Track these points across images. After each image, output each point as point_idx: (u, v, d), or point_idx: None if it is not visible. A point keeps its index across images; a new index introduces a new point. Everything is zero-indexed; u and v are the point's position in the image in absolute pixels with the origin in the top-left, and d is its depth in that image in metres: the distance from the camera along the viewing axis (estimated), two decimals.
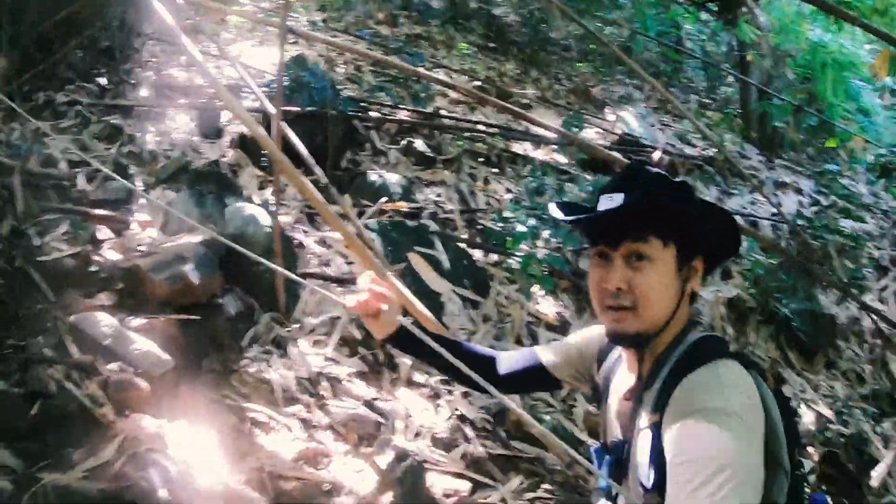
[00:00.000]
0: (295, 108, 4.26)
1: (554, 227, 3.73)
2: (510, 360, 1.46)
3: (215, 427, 2.40)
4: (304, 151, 3.48)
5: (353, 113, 4.77)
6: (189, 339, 2.72)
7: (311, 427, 2.60)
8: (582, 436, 3.11)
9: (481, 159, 5.15)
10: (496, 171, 5.12)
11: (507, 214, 4.14)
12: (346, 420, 2.67)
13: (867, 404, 4.32)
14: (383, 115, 5.16)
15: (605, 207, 1.12)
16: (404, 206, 4.25)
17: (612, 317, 1.14)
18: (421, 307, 2.61)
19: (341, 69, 5.84)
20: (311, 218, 4.03)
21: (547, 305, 3.97)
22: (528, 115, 4.86)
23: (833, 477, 3.61)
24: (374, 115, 5.11)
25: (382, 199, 4.21)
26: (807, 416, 4.00)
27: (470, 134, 5.33)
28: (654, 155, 5.56)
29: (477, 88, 6.18)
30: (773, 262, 4.69)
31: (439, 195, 4.63)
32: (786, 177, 6.24)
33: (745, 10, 6.70)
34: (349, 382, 2.92)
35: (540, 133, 5.27)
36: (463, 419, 2.95)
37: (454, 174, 4.87)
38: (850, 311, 4.90)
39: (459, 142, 5.21)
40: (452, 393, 3.08)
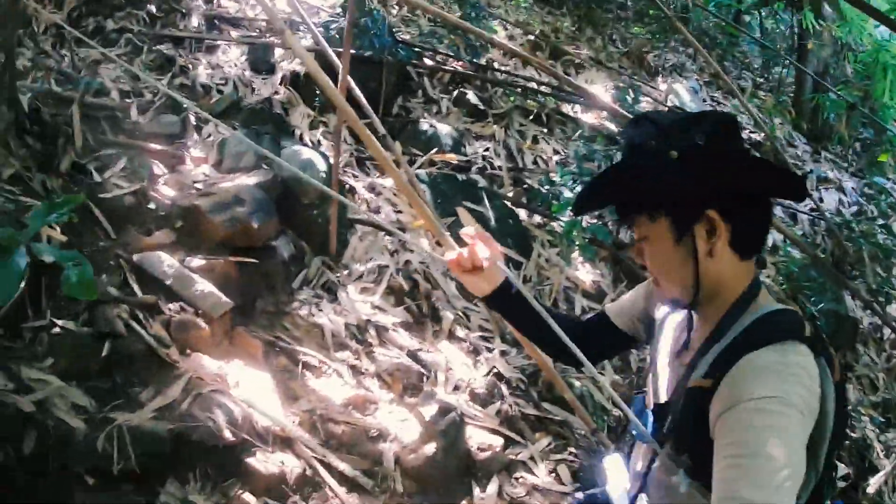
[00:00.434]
0: (353, 53, 4.15)
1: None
2: (591, 327, 1.42)
3: (270, 369, 2.48)
4: (363, 100, 3.44)
5: (409, 60, 4.67)
6: (244, 280, 2.76)
7: (359, 374, 2.69)
8: (607, 404, 3.20)
9: (531, 117, 5.08)
10: (545, 130, 5.06)
11: (555, 178, 4.13)
12: (392, 369, 2.76)
13: (876, 412, 4.41)
14: (437, 63, 5.06)
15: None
16: (454, 158, 4.23)
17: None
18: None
19: (395, 10, 5.68)
20: (360, 162, 4.02)
21: (585, 273, 4.01)
22: (575, 81, 4.76)
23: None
24: (429, 62, 5.01)
25: (433, 150, 4.18)
26: None
27: (521, 89, 5.23)
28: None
29: (531, 43, 6.04)
30: (807, 259, 4.69)
31: (487, 150, 4.59)
32: (829, 172, 6.15)
33: None
34: (394, 332, 2.99)
35: (589, 93, 5.17)
36: (500, 377, 3.04)
37: (503, 130, 4.82)
38: (874, 318, 4.93)
39: (511, 97, 5.13)
40: (491, 351, 3.16)
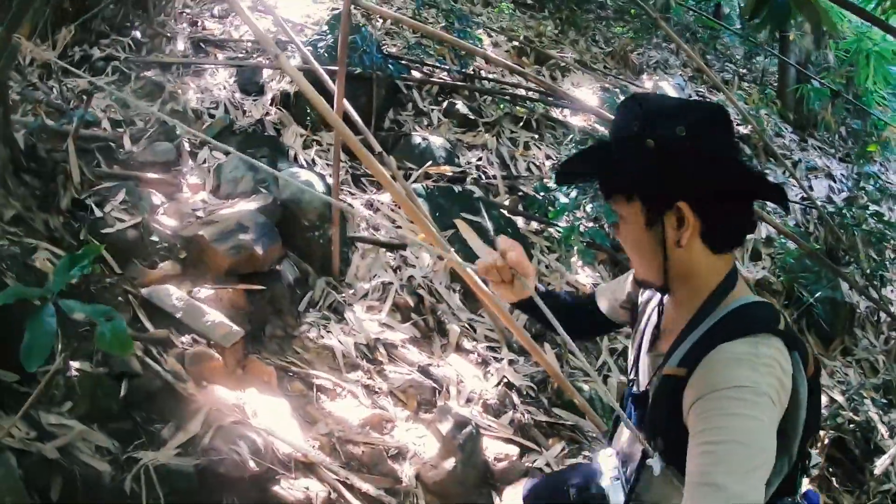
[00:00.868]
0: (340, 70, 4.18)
1: (595, 198, 3.76)
2: (585, 308, 1.50)
3: (285, 394, 2.50)
4: (356, 116, 3.48)
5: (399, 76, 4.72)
6: (252, 307, 2.77)
7: (373, 393, 2.71)
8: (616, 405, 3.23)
9: (521, 124, 5.13)
10: (536, 136, 5.11)
11: (550, 184, 4.18)
12: (405, 386, 2.79)
13: (877, 394, 4.47)
14: (425, 75, 5.10)
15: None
16: (448, 170, 4.28)
17: None
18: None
19: (380, 23, 5.72)
20: (357, 180, 4.05)
21: (585, 276, 4.06)
22: (561, 85, 4.82)
23: (839, 460, 3.83)
24: (417, 75, 5.05)
25: (428, 163, 4.23)
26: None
27: (510, 96, 5.29)
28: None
29: (516, 49, 6.10)
30: (801, 251, 4.76)
31: (480, 159, 4.64)
32: (818, 159, 6.25)
33: None
34: (404, 348, 3.02)
35: (577, 99, 5.23)
36: (510, 386, 3.07)
37: (495, 138, 4.87)
38: (870, 301, 5.01)
39: (500, 105, 5.18)
40: (500, 360, 3.20)
